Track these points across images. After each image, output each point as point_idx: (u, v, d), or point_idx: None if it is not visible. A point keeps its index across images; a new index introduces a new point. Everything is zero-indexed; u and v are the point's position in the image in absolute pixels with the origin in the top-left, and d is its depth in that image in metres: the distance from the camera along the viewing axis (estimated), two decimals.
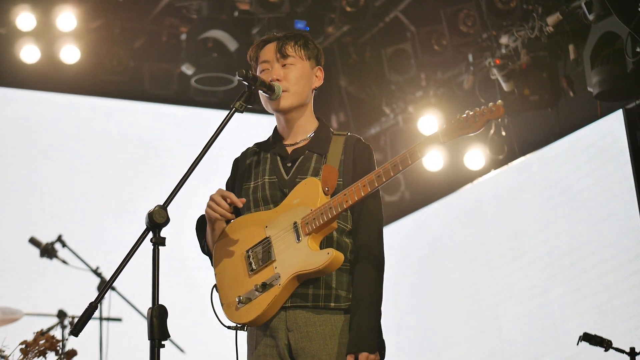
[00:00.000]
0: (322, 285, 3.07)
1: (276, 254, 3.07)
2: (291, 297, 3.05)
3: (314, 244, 3.02)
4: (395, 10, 7.78)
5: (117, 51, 8.09)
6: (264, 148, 3.33)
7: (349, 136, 3.25)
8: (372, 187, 2.95)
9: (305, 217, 3.03)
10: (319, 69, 3.31)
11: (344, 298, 3.08)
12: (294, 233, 3.05)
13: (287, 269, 3.03)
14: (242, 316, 3.08)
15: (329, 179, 3.08)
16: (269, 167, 3.24)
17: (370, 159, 3.20)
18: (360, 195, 2.96)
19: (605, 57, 6.06)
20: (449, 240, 7.69)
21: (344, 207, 2.97)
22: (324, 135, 3.25)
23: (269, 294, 3.03)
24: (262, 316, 3.04)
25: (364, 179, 2.97)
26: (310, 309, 3.05)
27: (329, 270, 3.00)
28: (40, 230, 6.83)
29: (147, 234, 2.80)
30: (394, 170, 2.92)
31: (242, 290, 3.09)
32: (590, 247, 6.35)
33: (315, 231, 3.01)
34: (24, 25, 7.64)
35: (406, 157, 2.91)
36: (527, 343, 6.78)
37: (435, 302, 7.78)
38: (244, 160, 3.35)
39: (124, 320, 6.72)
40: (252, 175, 3.27)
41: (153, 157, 8.35)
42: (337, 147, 3.19)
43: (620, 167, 6.20)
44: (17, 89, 8.08)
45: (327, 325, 3.05)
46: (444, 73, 7.89)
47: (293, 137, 3.27)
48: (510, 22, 6.90)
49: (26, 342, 4.04)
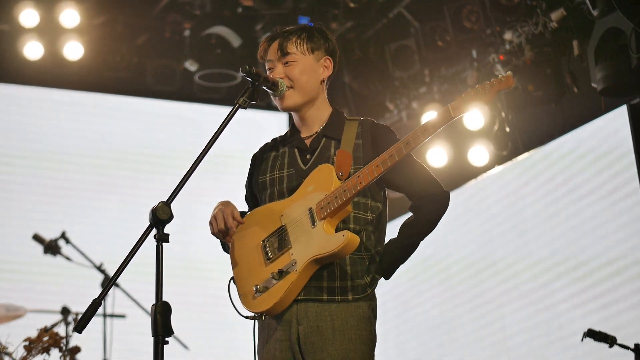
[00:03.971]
0: (338, 277, 3.05)
1: (292, 240, 3.06)
2: (305, 290, 3.04)
3: (330, 228, 3.00)
4: (399, 6, 7.77)
5: (121, 47, 8.09)
6: (282, 142, 3.32)
7: (362, 120, 3.23)
8: (385, 167, 2.93)
9: (319, 202, 3.02)
10: (326, 59, 3.27)
11: (362, 287, 3.07)
12: (310, 219, 3.04)
13: (303, 255, 3.01)
14: (259, 305, 3.07)
15: (343, 163, 3.06)
16: (287, 160, 3.23)
17: (391, 138, 3.12)
18: (374, 176, 2.94)
19: (610, 52, 6.05)
20: (452, 236, 7.69)
21: (357, 188, 2.96)
22: (338, 120, 3.24)
23: (286, 281, 3.02)
24: (280, 303, 3.02)
25: (376, 160, 2.95)
26: (325, 302, 3.04)
27: (344, 253, 2.98)
28: (43, 227, 6.84)
29: (150, 230, 2.80)
30: (407, 148, 2.91)
31: (259, 280, 3.08)
32: (594, 242, 6.34)
33: (331, 215, 3.00)
34: (27, 22, 7.65)
35: (417, 134, 2.90)
36: (531, 341, 6.77)
37: (438, 299, 7.77)
38: (262, 156, 3.35)
39: (127, 316, 6.73)
40: (268, 169, 3.26)
41: (156, 154, 8.35)
42: (350, 131, 3.18)
43: (624, 163, 6.20)
44: (20, 85, 8.10)
45: (337, 320, 3.03)
46: (448, 69, 7.88)
47: (309, 129, 3.26)
48: (514, 18, 6.88)
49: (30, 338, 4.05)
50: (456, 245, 7.65)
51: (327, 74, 3.27)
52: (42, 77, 8.04)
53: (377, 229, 3.17)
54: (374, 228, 3.15)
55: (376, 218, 3.16)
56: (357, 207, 3.10)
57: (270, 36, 3.31)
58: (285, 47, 3.23)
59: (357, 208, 3.10)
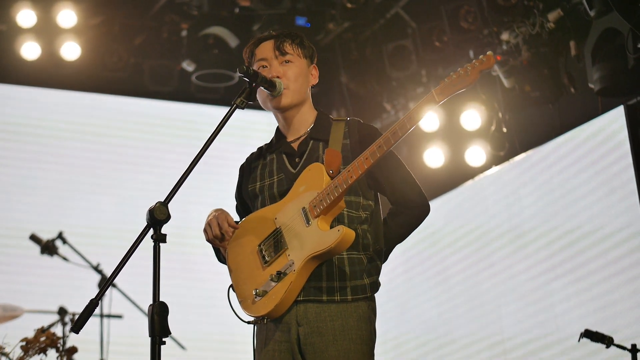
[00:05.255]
0: (337, 277, 3.06)
1: (287, 242, 3.06)
2: (304, 291, 3.04)
3: (325, 225, 3.00)
4: (396, 6, 7.78)
5: (118, 48, 8.08)
6: (268, 150, 3.33)
7: (349, 120, 3.26)
8: (375, 158, 2.93)
9: (312, 200, 3.03)
10: (314, 67, 3.33)
11: (361, 288, 3.08)
12: (304, 218, 3.04)
13: (300, 254, 3.01)
14: (260, 309, 3.06)
15: (333, 161, 3.06)
16: (275, 167, 3.24)
17: (377, 135, 3.11)
18: (364, 169, 2.94)
19: (607, 53, 6.06)
20: (450, 237, 7.69)
21: (349, 182, 2.96)
22: (324, 122, 3.26)
23: (285, 282, 3.02)
24: (280, 306, 3.02)
25: (365, 152, 2.96)
26: (325, 303, 3.04)
27: (341, 248, 2.97)
28: (40, 227, 6.83)
29: (147, 230, 2.80)
30: (394, 137, 2.91)
31: (258, 284, 3.08)
32: (591, 242, 6.35)
33: (324, 212, 3.00)
34: (24, 22, 7.65)
35: (404, 122, 2.91)
36: (529, 342, 6.78)
37: (436, 298, 7.78)
38: (249, 166, 3.35)
39: (124, 317, 6.72)
40: (257, 177, 3.27)
41: (154, 154, 8.35)
42: (338, 131, 3.19)
43: (621, 163, 6.20)
44: (17, 85, 8.09)
45: (337, 320, 3.03)
46: (445, 69, 7.88)
47: (295, 132, 3.27)
48: (511, 18, 6.89)
49: (27, 339, 4.04)
50: (454, 246, 7.65)
51: (314, 82, 3.34)
52: (39, 77, 8.04)
53: (372, 226, 3.17)
54: (369, 226, 3.15)
55: (370, 216, 3.16)
56: (350, 205, 3.11)
57: (261, 37, 3.33)
58: (284, 47, 3.24)
59: (349, 207, 3.10)
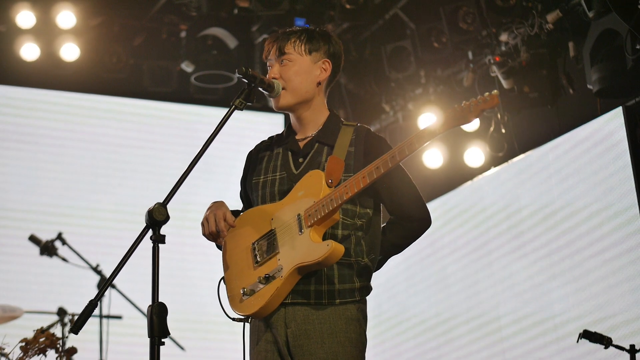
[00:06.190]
0: (325, 281, 3.06)
1: (280, 245, 3.08)
2: (292, 294, 3.05)
3: (316, 236, 3.01)
4: (395, 7, 7.78)
5: (117, 49, 8.08)
6: (277, 142, 3.33)
7: (358, 127, 3.23)
8: (371, 178, 2.93)
9: (308, 208, 3.03)
10: (325, 61, 3.26)
11: (349, 291, 3.08)
12: (298, 225, 3.05)
13: (289, 261, 3.03)
14: (245, 308, 3.09)
15: (334, 170, 3.06)
16: (280, 162, 3.24)
17: (383, 150, 3.06)
18: (360, 187, 2.94)
19: (605, 54, 6.06)
20: (448, 238, 7.69)
21: (344, 199, 2.96)
22: (333, 126, 3.23)
23: (272, 286, 3.03)
24: (265, 308, 3.04)
25: (363, 171, 2.96)
26: (313, 306, 3.05)
27: (329, 262, 2.98)
28: (40, 228, 6.83)
29: (146, 231, 2.80)
30: (392, 161, 2.91)
31: (247, 283, 3.10)
32: (589, 243, 6.35)
33: (318, 223, 3.01)
34: (23, 23, 7.65)
35: (404, 148, 2.90)
36: (527, 342, 6.78)
37: (434, 298, 7.78)
38: (257, 154, 3.35)
39: (124, 317, 6.72)
40: (262, 170, 3.27)
41: (152, 155, 8.34)
42: (345, 137, 3.17)
43: (619, 164, 6.20)
44: (16, 86, 8.09)
45: (325, 323, 3.03)
46: (444, 70, 7.89)
47: (304, 131, 3.26)
48: (509, 20, 6.90)
49: (26, 339, 4.04)
50: (452, 246, 7.65)
51: (324, 76, 3.25)
52: (39, 78, 8.04)
53: (368, 234, 3.16)
54: (364, 234, 3.14)
55: (366, 224, 3.15)
56: (345, 213, 3.10)
57: (274, 36, 3.32)
58: (283, 47, 3.24)
59: (344, 214, 3.10)
